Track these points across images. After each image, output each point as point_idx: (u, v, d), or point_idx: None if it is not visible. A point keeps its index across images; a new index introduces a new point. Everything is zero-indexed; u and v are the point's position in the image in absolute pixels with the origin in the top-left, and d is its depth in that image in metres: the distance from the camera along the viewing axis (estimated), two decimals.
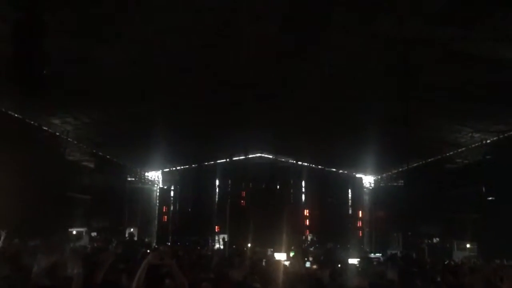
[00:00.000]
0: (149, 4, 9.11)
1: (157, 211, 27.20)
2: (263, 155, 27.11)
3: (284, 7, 9.31)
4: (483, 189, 16.62)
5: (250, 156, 26.51)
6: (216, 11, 9.52)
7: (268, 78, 13.33)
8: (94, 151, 20.64)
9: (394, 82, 12.43)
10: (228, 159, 26.40)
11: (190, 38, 10.70)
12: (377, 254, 16.88)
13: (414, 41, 10.01)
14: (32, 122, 15.43)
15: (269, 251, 14.89)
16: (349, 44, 10.64)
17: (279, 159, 27.39)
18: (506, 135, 15.30)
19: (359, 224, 26.70)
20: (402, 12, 9.01)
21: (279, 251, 13.87)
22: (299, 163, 27.36)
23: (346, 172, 28.19)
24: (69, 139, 17.37)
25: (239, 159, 26.51)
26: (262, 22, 9.90)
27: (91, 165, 21.08)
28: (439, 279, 6.56)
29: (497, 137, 15.78)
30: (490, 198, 16.22)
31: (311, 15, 9.46)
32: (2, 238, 12.00)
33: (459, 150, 18.42)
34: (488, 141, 16.40)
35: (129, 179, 25.37)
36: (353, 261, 11.48)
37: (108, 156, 22.15)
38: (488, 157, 16.48)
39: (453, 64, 10.80)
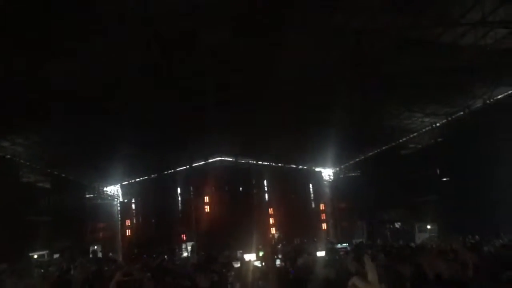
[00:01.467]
0: (100, 17, 8.95)
1: (119, 226, 26.63)
2: (223, 158, 27.06)
3: (241, 9, 9.39)
4: (438, 171, 17.27)
5: (210, 160, 26.42)
6: (170, 20, 9.49)
7: (222, 82, 13.35)
8: (49, 171, 20.02)
9: (347, 74, 12.80)
10: (188, 166, 26.21)
11: (142, 49, 10.60)
12: (343, 245, 17.19)
13: (364, 32, 10.32)
14: None
15: (239, 253, 14.91)
16: (303, 41, 10.82)
17: (239, 161, 27.40)
18: (454, 116, 15.96)
19: (323, 216, 27.11)
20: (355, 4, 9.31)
21: (249, 252, 13.91)
22: (260, 162, 27.50)
23: (305, 167, 28.56)
24: (21, 160, 16.79)
25: (199, 165, 26.37)
26: (217, 27, 9.94)
27: (47, 186, 20.44)
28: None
29: (445, 120, 16.43)
30: (445, 179, 16.88)
31: (267, 14, 9.56)
32: None
33: (411, 135, 19.08)
34: (438, 124, 17.06)
35: (87, 196, 24.74)
36: (321, 253, 11.68)
37: (63, 175, 21.53)
38: (439, 139, 17.16)
39: (402, 51, 11.19)
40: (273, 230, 25.94)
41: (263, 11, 9.53)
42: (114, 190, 27.45)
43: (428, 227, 18.97)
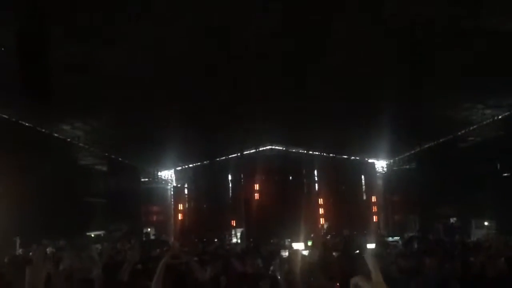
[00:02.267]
0: (154, 8, 9.13)
1: (172, 210, 27.36)
2: (273, 147, 27.09)
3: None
4: (498, 165, 16.50)
5: (261, 149, 26.52)
6: (220, 12, 9.54)
7: (273, 69, 13.29)
8: (106, 154, 20.77)
9: (403, 64, 12.39)
10: (239, 154, 26.44)
11: (194, 40, 10.73)
12: (395, 238, 16.80)
13: (421, 21, 9.95)
14: (43, 130, 15.57)
15: (287, 242, 14.93)
16: (355, 29, 10.58)
17: (290, 150, 27.35)
18: None
19: (374, 209, 26.57)
20: None
21: (297, 241, 13.88)
22: (310, 152, 27.32)
23: (358, 158, 28.07)
24: (80, 144, 17.51)
25: (250, 153, 26.54)
26: (264, 15, 9.89)
27: (104, 169, 21.24)
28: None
29: (508, 112, 15.61)
30: (506, 174, 16.10)
31: (315, 2, 9.42)
32: (18, 244, 12.22)
33: (471, 128, 18.26)
34: (500, 117, 16.23)
35: (142, 179, 25.52)
36: (372, 246, 11.46)
37: (120, 159, 22.29)
38: (501, 133, 16.34)
39: (462, 40, 10.70)
40: (322, 221, 25.77)
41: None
42: (168, 175, 28.18)
43: (486, 223, 18.18)
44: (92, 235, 18.88)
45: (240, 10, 9.69)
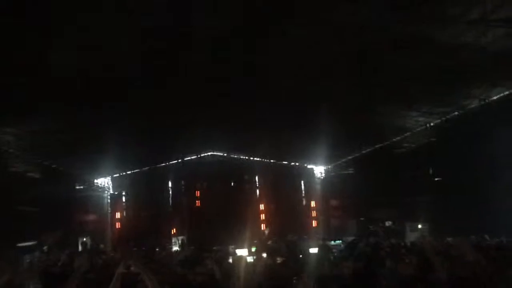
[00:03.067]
0: (98, 7, 8.77)
1: (109, 218, 26.43)
2: (215, 153, 26.94)
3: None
4: (431, 171, 17.27)
5: (201, 155, 26.29)
6: (165, 13, 9.33)
7: (215, 75, 13.21)
8: (39, 160, 19.75)
9: (342, 71, 12.72)
10: (179, 160, 26.05)
11: (134, 42, 10.43)
12: (337, 242, 17.16)
13: (362, 28, 10.22)
14: None
15: (231, 248, 14.81)
16: (297, 36, 10.70)
17: (231, 156, 27.31)
18: (448, 116, 15.94)
19: (314, 213, 27.08)
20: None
21: (241, 248, 13.82)
22: (251, 158, 27.41)
23: (297, 164, 28.50)
24: (11, 150, 16.53)
25: (191, 159, 26.23)
26: (213, 17, 9.78)
27: (37, 176, 20.17)
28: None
29: (440, 120, 16.42)
30: (438, 179, 16.88)
31: (269, 6, 9.42)
32: None
33: (406, 134, 19.05)
34: (432, 124, 17.04)
35: (78, 187, 24.50)
36: (314, 250, 11.60)
37: (54, 165, 21.27)
38: (433, 139, 17.14)
39: (399, 48, 11.11)
40: (263, 226, 25.87)
41: (265, 2, 9.39)
42: (104, 182, 27.22)
43: (419, 226, 18.97)
44: (23, 246, 17.77)
45: (188, 13, 9.54)
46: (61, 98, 12.71)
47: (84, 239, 22.95)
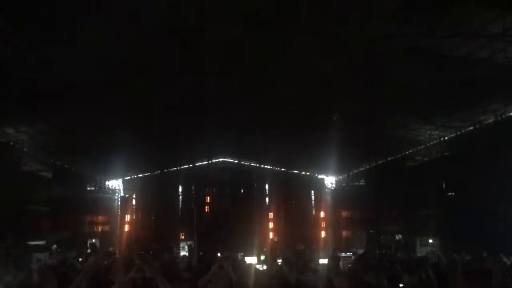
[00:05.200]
0: (112, 10, 8.83)
1: (119, 220, 26.53)
2: (226, 159, 26.95)
3: (249, 8, 9.25)
4: (443, 185, 17.07)
5: (213, 161, 26.30)
6: (176, 16, 9.37)
7: (229, 82, 13.24)
8: (52, 160, 19.90)
9: (356, 82, 12.66)
10: (190, 165, 26.10)
11: (152, 45, 10.49)
12: (347, 253, 17.00)
13: (376, 40, 10.17)
14: None
15: (239, 255, 14.75)
16: (310, 44, 10.68)
17: (242, 162, 27.30)
18: (463, 131, 15.78)
19: (323, 224, 26.90)
20: (365, 10, 9.15)
21: (250, 255, 13.76)
22: (262, 166, 27.37)
23: (308, 173, 28.40)
24: (24, 148, 16.67)
25: (201, 165, 26.25)
26: (225, 25, 9.81)
27: (49, 175, 20.30)
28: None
29: (454, 134, 16.26)
30: (450, 194, 16.68)
31: (275, 16, 9.44)
32: None
33: (419, 147, 18.89)
34: (446, 138, 16.87)
35: (88, 188, 24.64)
36: (324, 261, 11.51)
37: (66, 166, 21.43)
38: (446, 153, 16.96)
39: (414, 61, 11.04)
40: (271, 235, 25.77)
41: (276, 10, 9.38)
42: (115, 184, 27.33)
43: (430, 241, 18.76)
44: (33, 245, 17.88)
45: (198, 18, 9.57)
46: (75, 99, 12.82)
47: (93, 240, 23.02)
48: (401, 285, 5.52)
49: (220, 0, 9.05)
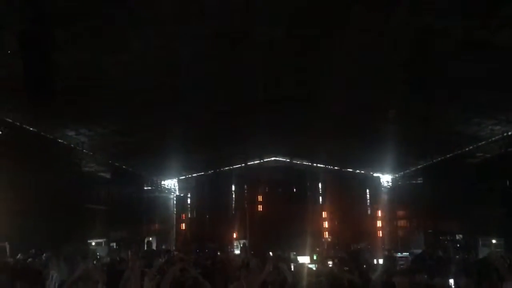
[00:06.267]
0: (160, 16, 9.02)
1: (174, 219, 27.15)
2: (278, 158, 26.90)
3: (295, 6, 9.14)
4: (507, 183, 16.20)
5: (265, 160, 26.34)
6: (224, 18, 9.42)
7: (280, 81, 13.17)
8: (110, 161, 20.64)
9: (411, 77, 12.21)
10: (243, 164, 26.27)
11: (200, 47, 10.61)
12: (404, 254, 16.47)
13: (429, 33, 9.78)
14: (47, 135, 15.44)
15: (292, 255, 14.66)
16: (362, 41, 10.43)
17: (294, 161, 27.15)
18: None
19: (379, 224, 26.27)
20: (416, 3, 8.81)
21: (302, 254, 13.64)
22: (315, 165, 27.09)
23: (363, 172, 27.83)
24: (84, 150, 17.38)
25: (254, 164, 26.36)
26: (271, 25, 9.76)
27: (108, 176, 21.08)
28: None
29: None
30: None
31: (323, 14, 9.27)
32: (8, 251, 11.98)
33: (480, 144, 18.01)
34: (510, 133, 15.98)
35: (145, 188, 25.36)
36: (379, 261, 11.20)
37: (124, 166, 22.15)
38: (510, 149, 16.07)
39: (470, 54, 10.52)
40: (325, 234, 25.46)
41: (322, 7, 9.21)
42: (171, 184, 28.00)
43: (493, 241, 17.83)
44: (93, 243, 18.64)
45: (246, 20, 9.58)
46: (132, 102, 13.23)
47: (150, 238, 23.70)
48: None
49: (265, 2, 8.99)
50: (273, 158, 26.73)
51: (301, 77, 13.05)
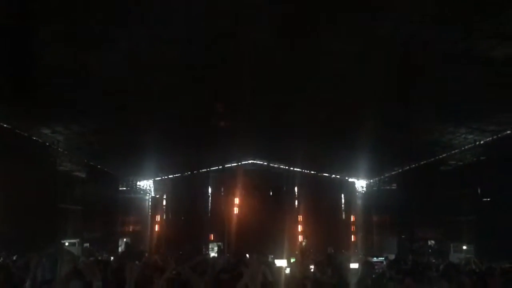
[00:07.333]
0: (142, 14, 8.97)
1: (149, 220, 26.88)
2: (255, 161, 26.95)
3: (282, 10, 9.21)
4: (479, 190, 16.63)
5: (242, 162, 26.34)
6: (210, 22, 9.43)
7: (259, 85, 13.21)
8: (86, 161, 20.36)
9: (388, 86, 12.45)
10: (220, 167, 26.21)
11: (182, 50, 10.59)
12: (379, 258, 16.69)
13: (410, 43, 10.00)
14: (21, 132, 15.14)
15: (270, 258, 14.68)
16: (342, 49, 10.57)
17: (271, 165, 27.24)
18: (499, 135, 15.34)
19: (353, 228, 26.57)
20: (400, 13, 8.98)
21: (280, 258, 13.69)
22: (292, 168, 27.23)
23: (338, 176, 28.11)
24: (59, 149, 17.10)
25: (231, 166, 26.33)
26: (257, 29, 9.80)
27: (83, 175, 20.77)
28: None
29: (491, 138, 15.81)
30: (486, 199, 16.23)
31: (309, 19, 9.36)
32: None
33: (453, 152, 18.44)
34: (482, 142, 16.42)
35: (120, 188, 25.07)
36: (354, 266, 11.32)
37: (99, 166, 21.87)
38: (482, 158, 16.51)
39: (449, 63, 10.79)
40: (300, 238, 25.58)
41: (309, 14, 9.31)
42: (146, 185, 27.72)
43: (464, 247, 18.28)
44: (66, 244, 18.31)
45: (230, 21, 9.60)
46: (109, 101, 13.11)
47: (125, 239, 23.43)
48: None
49: (252, 6, 9.03)
50: (250, 161, 26.77)
51: (279, 82, 13.11)
